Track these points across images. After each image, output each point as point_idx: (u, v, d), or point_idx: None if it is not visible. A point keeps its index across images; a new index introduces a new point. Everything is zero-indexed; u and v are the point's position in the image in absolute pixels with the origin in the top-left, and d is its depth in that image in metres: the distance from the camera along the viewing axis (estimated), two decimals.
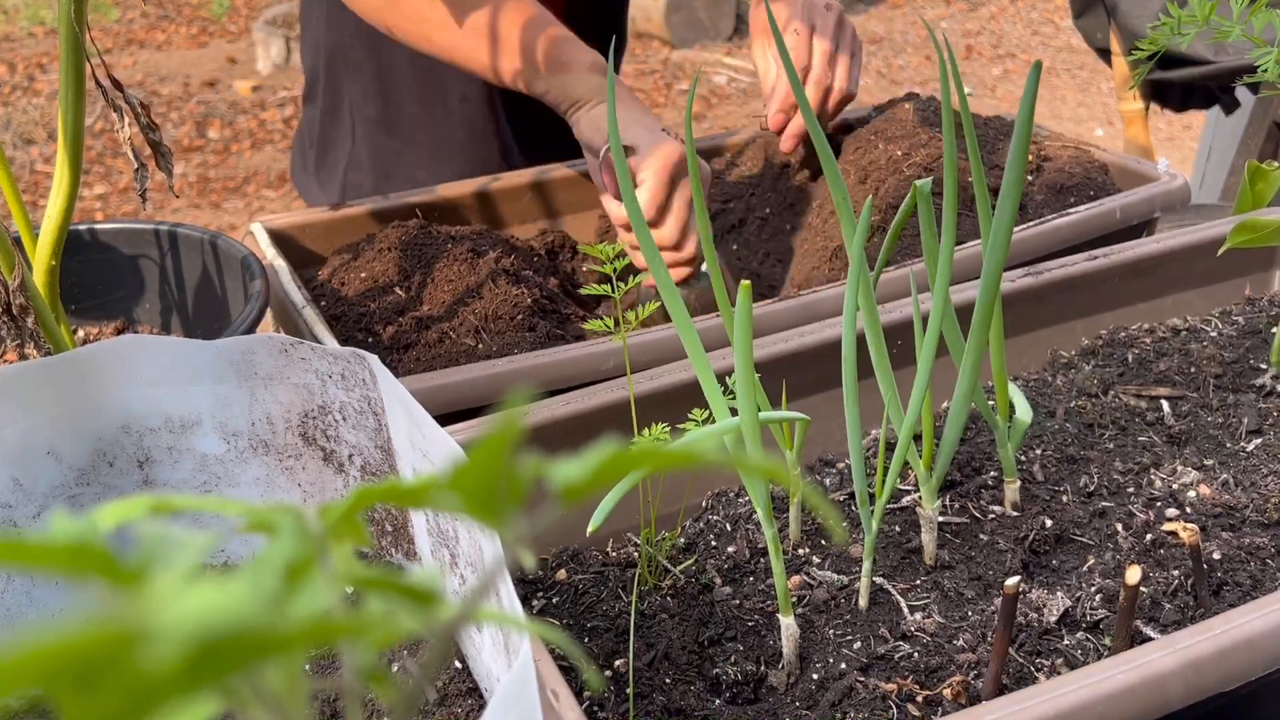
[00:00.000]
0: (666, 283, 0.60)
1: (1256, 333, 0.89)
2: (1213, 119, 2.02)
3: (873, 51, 5.22)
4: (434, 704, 0.58)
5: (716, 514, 0.73)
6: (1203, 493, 0.71)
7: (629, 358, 0.75)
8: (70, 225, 0.75)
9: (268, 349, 0.64)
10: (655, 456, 0.19)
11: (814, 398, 0.80)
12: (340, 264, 1.02)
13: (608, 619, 0.64)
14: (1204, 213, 1.25)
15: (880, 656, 0.61)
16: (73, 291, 0.90)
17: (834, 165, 0.60)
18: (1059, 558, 0.68)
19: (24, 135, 4.30)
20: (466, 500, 0.17)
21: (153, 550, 0.16)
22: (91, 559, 0.15)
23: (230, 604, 0.13)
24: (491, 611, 0.24)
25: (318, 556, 0.16)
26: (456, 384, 0.80)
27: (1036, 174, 1.11)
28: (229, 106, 4.65)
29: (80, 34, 0.70)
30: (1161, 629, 0.61)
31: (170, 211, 3.76)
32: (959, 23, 5.57)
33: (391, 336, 0.91)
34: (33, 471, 0.63)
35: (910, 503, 0.72)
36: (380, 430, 0.63)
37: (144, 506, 0.20)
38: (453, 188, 1.14)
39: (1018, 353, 0.88)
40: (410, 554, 0.66)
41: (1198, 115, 2.45)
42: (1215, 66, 1.57)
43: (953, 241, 0.60)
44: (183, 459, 0.66)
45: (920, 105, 1.18)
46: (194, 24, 5.57)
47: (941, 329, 0.62)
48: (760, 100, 4.78)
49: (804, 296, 0.88)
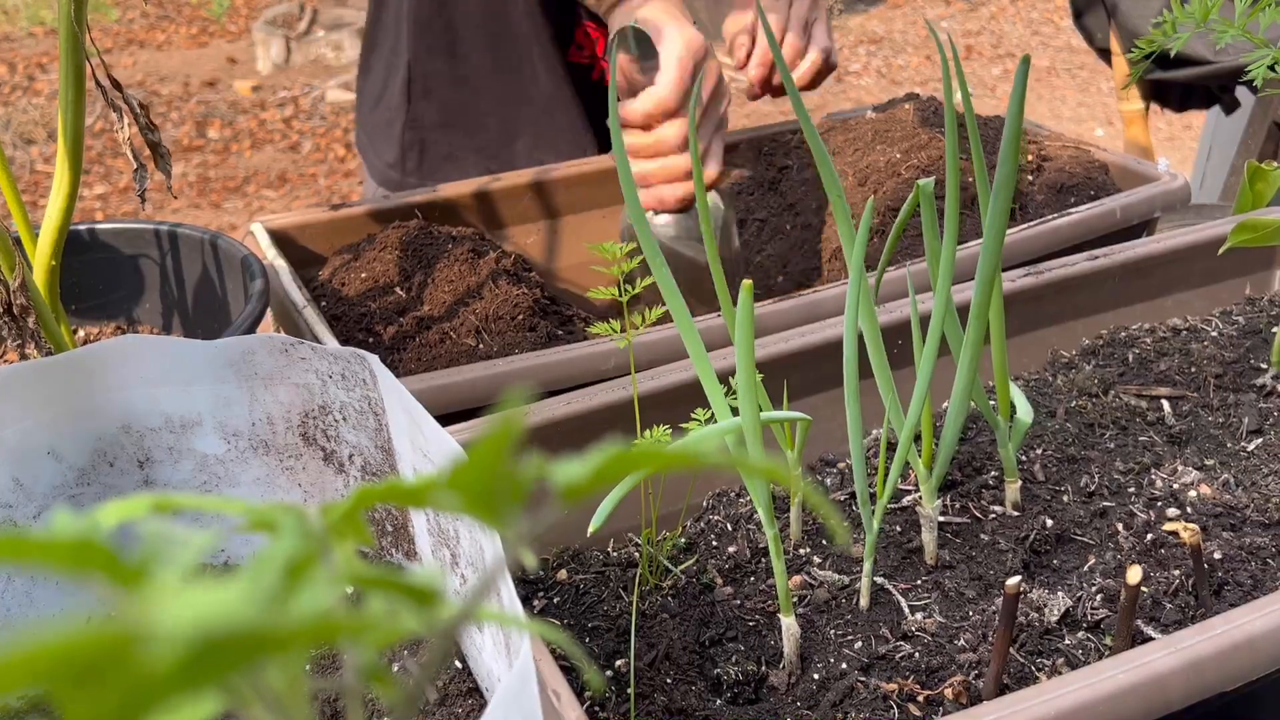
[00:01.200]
0: (667, 282, 0.60)
1: (1257, 333, 0.89)
2: (1213, 119, 2.02)
3: (873, 51, 5.22)
4: (434, 704, 0.58)
5: (717, 514, 0.73)
6: (1203, 492, 0.71)
7: (632, 357, 0.75)
8: (70, 225, 0.75)
9: (268, 349, 0.64)
10: (657, 457, 0.19)
11: (815, 397, 0.80)
12: (340, 264, 1.02)
13: (608, 619, 0.64)
14: (1204, 213, 1.25)
15: (881, 656, 0.61)
16: (73, 291, 0.90)
17: (830, 167, 0.60)
18: (1060, 557, 0.68)
19: (24, 135, 4.30)
20: (468, 500, 0.17)
21: (155, 549, 0.16)
22: (94, 556, 0.15)
23: (232, 603, 0.13)
24: (492, 611, 0.24)
25: (320, 555, 0.16)
26: (457, 384, 0.80)
27: (1036, 174, 1.11)
28: (229, 106, 4.65)
29: (80, 34, 0.70)
30: (1162, 629, 0.61)
31: (170, 211, 3.76)
32: (959, 23, 5.57)
33: (392, 336, 0.91)
34: (33, 471, 0.63)
35: (911, 502, 0.72)
36: (381, 430, 0.63)
37: (146, 505, 0.20)
38: (453, 188, 1.14)
39: (1018, 352, 0.87)
40: (410, 554, 0.66)
41: (1198, 115, 2.45)
42: (1215, 66, 1.57)
43: (954, 242, 0.60)
44: (183, 459, 0.66)
45: (920, 105, 1.18)
46: (194, 24, 5.57)
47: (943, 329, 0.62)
48: (761, 99, 4.76)
49: (804, 296, 0.88)
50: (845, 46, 5.30)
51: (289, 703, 0.17)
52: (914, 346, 0.66)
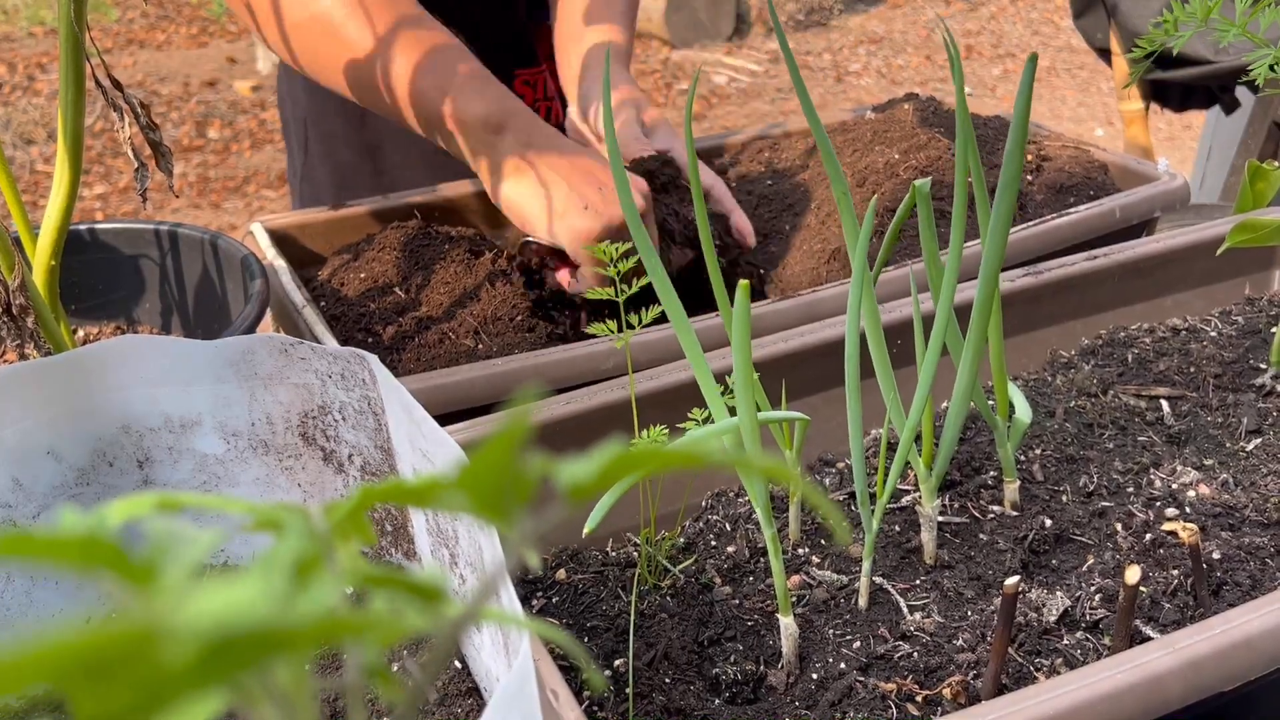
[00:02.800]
0: (666, 287, 0.60)
1: (1256, 332, 0.89)
2: (1213, 119, 2.03)
3: (873, 51, 5.22)
4: (434, 704, 0.58)
5: (716, 514, 0.73)
6: (1202, 492, 0.71)
7: (629, 357, 0.75)
8: (70, 225, 0.75)
9: (268, 349, 0.64)
10: (658, 457, 0.19)
11: (813, 397, 0.80)
12: (340, 264, 1.02)
13: (607, 619, 0.64)
14: (1204, 213, 1.26)
15: (880, 656, 0.61)
16: (73, 291, 0.90)
17: (836, 165, 0.60)
18: (1058, 557, 0.68)
19: (24, 135, 4.30)
20: (473, 499, 0.17)
21: (162, 546, 0.16)
22: (103, 553, 0.15)
23: (244, 601, 0.13)
24: (492, 611, 0.24)
25: (325, 555, 0.16)
26: (456, 384, 0.80)
27: (1036, 174, 1.11)
28: (229, 106, 4.65)
29: (80, 34, 0.70)
30: (1161, 629, 0.61)
31: (170, 211, 3.76)
32: (959, 23, 5.57)
33: (391, 336, 0.91)
34: (33, 471, 0.63)
35: (910, 502, 0.72)
36: (380, 430, 0.63)
37: (150, 504, 0.20)
38: (452, 187, 1.15)
39: (1018, 352, 0.88)
40: (410, 554, 0.66)
41: (1198, 115, 2.45)
42: (1215, 66, 1.57)
43: (960, 242, 0.61)
44: (183, 459, 0.66)
45: (919, 106, 1.18)
46: (194, 24, 5.57)
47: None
48: (761, 99, 4.79)
49: (804, 296, 0.88)
50: (845, 46, 5.31)
51: (295, 701, 0.17)
52: (915, 346, 0.66)
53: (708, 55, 5.02)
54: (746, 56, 5.09)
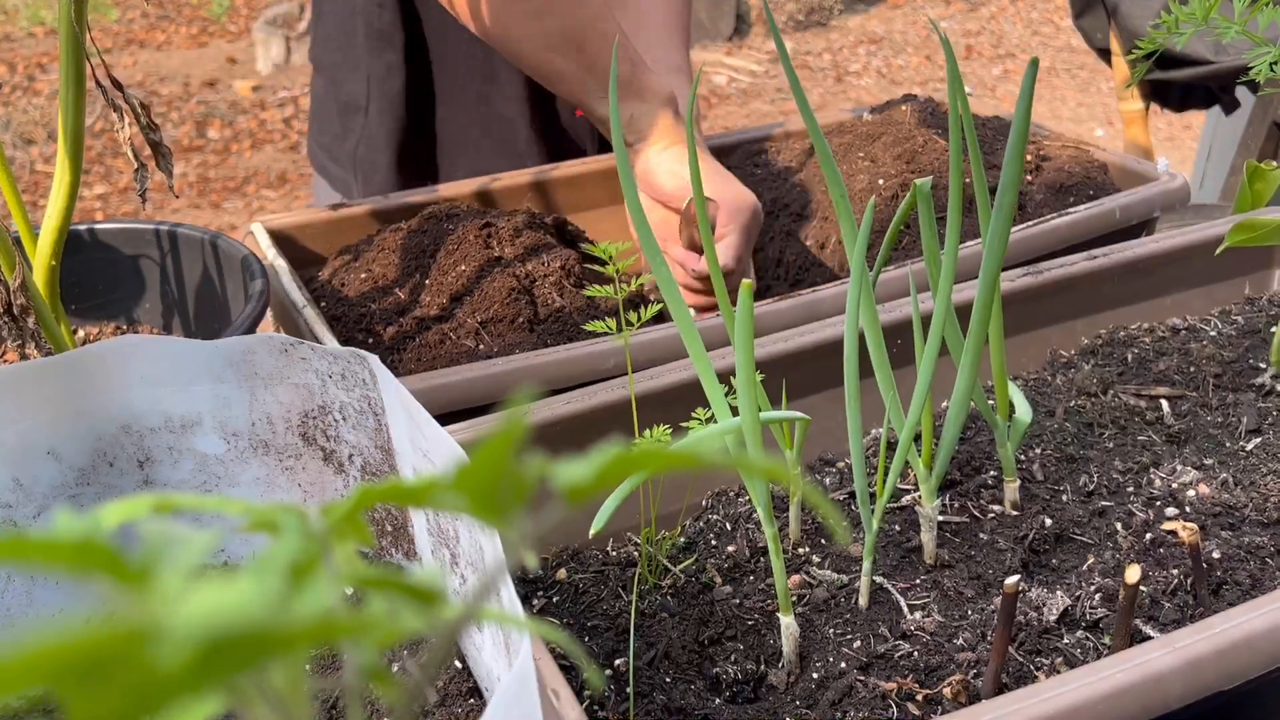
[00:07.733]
0: (678, 311, 0.60)
1: (1256, 332, 0.89)
2: (1213, 119, 2.03)
3: (872, 51, 5.22)
4: (434, 704, 0.58)
5: (717, 513, 0.73)
6: (1202, 492, 0.71)
7: (630, 357, 0.75)
8: (70, 225, 0.75)
9: (268, 349, 0.64)
10: (659, 458, 0.19)
11: (814, 397, 0.80)
12: (341, 264, 1.02)
13: (608, 618, 0.64)
14: (1204, 213, 1.26)
15: (880, 655, 0.61)
16: (73, 291, 0.90)
17: (833, 166, 0.60)
18: (1058, 557, 0.68)
19: (24, 135, 4.30)
20: (472, 500, 0.17)
21: (158, 548, 0.16)
22: (97, 556, 0.15)
23: (239, 602, 0.13)
24: (492, 611, 0.24)
25: (322, 555, 0.16)
26: (456, 384, 0.80)
27: (1036, 174, 1.11)
28: (229, 106, 4.65)
29: (80, 34, 0.70)
30: (1161, 628, 0.61)
31: (170, 211, 3.76)
32: (959, 23, 5.57)
33: (392, 337, 0.91)
34: (33, 471, 0.63)
35: (910, 502, 0.72)
36: (380, 430, 0.63)
37: (147, 505, 0.20)
38: (452, 187, 1.14)
39: (1018, 352, 0.88)
40: (410, 554, 0.66)
41: (1198, 115, 2.45)
42: (1215, 66, 1.57)
43: (956, 242, 0.61)
44: (183, 459, 0.66)
45: (918, 106, 1.18)
46: (194, 24, 5.57)
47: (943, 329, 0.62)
48: (761, 99, 4.79)
49: (803, 296, 0.88)
50: (845, 46, 5.31)
51: (291, 702, 0.17)
52: (915, 346, 0.66)
53: (708, 55, 5.02)
54: (746, 57, 5.09)
